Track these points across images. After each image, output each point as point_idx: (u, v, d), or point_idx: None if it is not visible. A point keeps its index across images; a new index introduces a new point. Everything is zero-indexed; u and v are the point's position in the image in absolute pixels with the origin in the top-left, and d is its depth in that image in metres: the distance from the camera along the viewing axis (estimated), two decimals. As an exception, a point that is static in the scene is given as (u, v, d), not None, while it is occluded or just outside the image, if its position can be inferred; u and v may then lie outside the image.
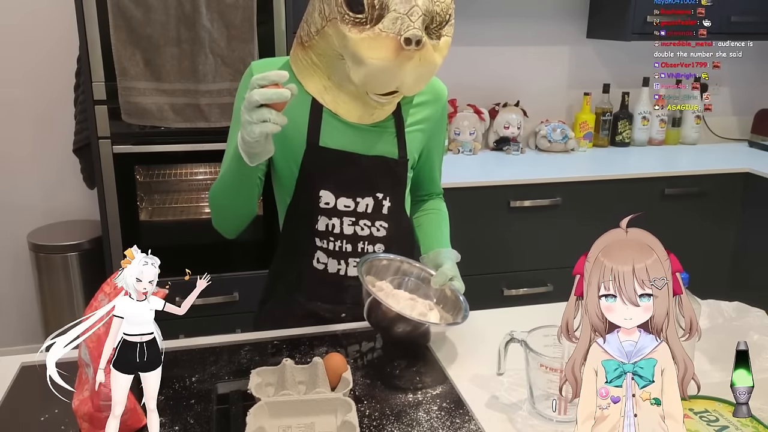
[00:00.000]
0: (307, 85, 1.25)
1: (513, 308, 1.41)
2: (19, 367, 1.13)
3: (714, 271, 2.86)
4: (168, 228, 2.48)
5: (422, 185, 1.46)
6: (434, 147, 1.41)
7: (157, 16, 2.17)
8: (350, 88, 1.20)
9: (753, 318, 1.23)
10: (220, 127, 2.29)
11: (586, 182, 2.67)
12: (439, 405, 1.04)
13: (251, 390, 0.99)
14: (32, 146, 2.78)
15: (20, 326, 2.93)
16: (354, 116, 1.24)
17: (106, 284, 0.95)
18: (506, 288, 2.70)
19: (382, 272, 1.28)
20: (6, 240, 2.83)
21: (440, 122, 1.39)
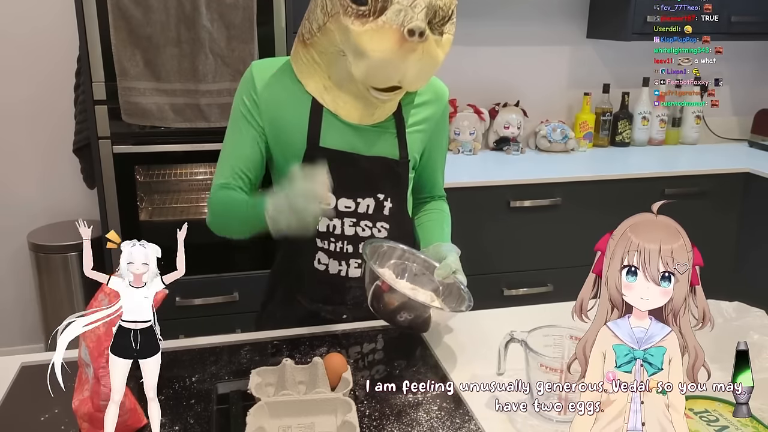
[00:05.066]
0: (307, 85, 1.25)
1: (513, 308, 1.41)
2: (19, 367, 1.13)
3: (714, 271, 2.84)
4: (168, 228, 2.46)
5: (424, 187, 1.45)
6: (436, 148, 1.40)
7: (157, 16, 2.17)
8: (351, 88, 1.20)
9: (753, 318, 1.23)
10: (220, 127, 2.28)
11: (586, 182, 2.67)
12: (439, 405, 1.04)
13: (251, 390, 0.99)
14: (32, 146, 2.78)
15: (20, 326, 2.93)
16: (354, 117, 1.24)
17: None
18: (506, 288, 2.70)
19: (382, 258, 1.27)
20: (6, 240, 2.83)
21: (441, 123, 1.38)
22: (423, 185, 1.45)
